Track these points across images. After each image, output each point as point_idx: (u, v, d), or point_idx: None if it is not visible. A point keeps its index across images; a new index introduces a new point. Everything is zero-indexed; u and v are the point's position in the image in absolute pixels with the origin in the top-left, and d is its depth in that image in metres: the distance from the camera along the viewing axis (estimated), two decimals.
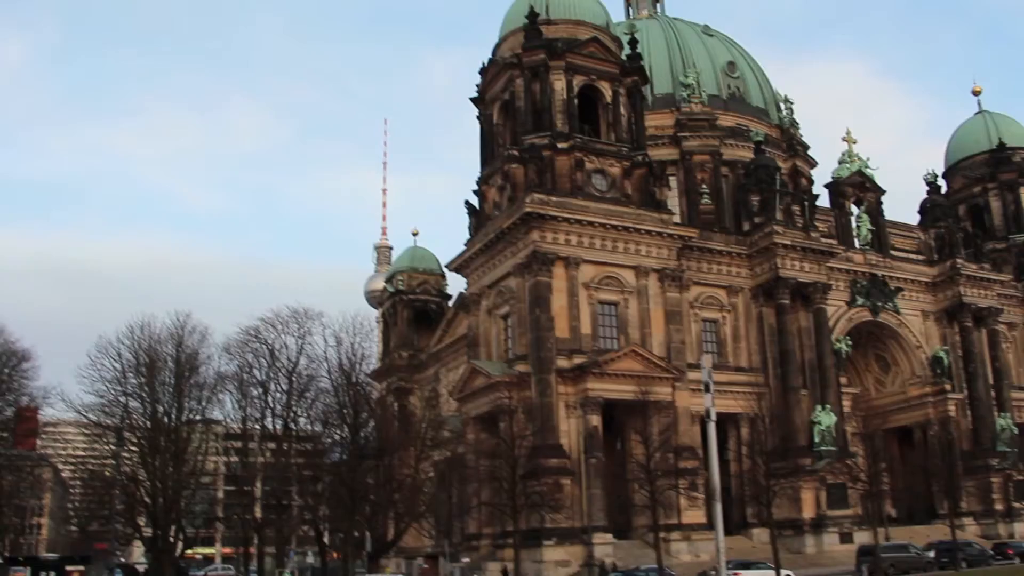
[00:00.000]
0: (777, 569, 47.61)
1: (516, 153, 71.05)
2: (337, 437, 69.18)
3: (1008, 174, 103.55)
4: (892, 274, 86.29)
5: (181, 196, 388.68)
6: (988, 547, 66.17)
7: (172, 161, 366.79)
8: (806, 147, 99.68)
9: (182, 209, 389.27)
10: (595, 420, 65.38)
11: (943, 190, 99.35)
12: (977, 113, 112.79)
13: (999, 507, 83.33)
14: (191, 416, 66.74)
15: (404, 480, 64.73)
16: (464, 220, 78.51)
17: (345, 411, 64.58)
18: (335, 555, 77.68)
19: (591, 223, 68.71)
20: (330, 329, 66.80)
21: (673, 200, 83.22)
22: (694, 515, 65.77)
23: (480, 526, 69.42)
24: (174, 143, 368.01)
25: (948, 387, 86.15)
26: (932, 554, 58.81)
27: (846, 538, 70.49)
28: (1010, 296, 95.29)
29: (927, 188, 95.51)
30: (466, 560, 67.43)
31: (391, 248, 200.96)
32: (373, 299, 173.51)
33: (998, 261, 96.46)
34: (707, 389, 47.01)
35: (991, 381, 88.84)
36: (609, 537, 63.32)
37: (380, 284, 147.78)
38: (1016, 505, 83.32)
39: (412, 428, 72.19)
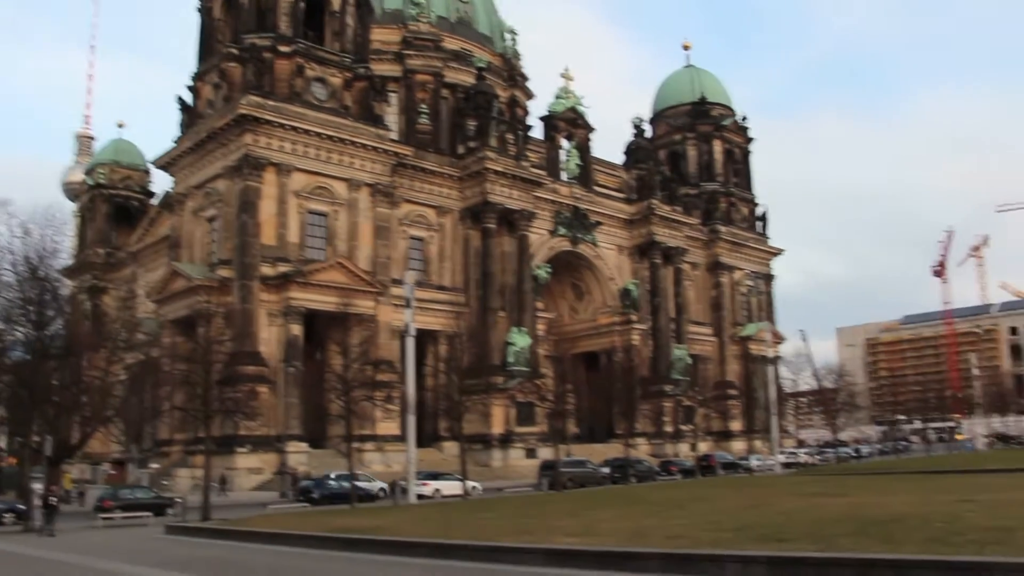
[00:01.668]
0: (464, 480, 49.98)
1: (235, 52, 69.11)
2: (20, 335, 65.28)
3: (706, 126, 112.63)
4: (594, 208, 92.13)
5: None
6: (656, 464, 72.57)
7: None
8: (526, 79, 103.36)
9: None
10: (296, 329, 65.95)
11: (648, 135, 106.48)
12: (685, 67, 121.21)
13: (669, 429, 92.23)
14: None
15: (93, 382, 62.31)
16: (177, 116, 75.49)
17: (29, 307, 60.96)
18: (12, 461, 73.77)
19: (307, 131, 68.29)
20: (17, 219, 62.47)
21: (392, 117, 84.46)
22: (389, 427, 67.31)
23: (172, 432, 68.18)
24: None
25: (635, 318, 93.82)
26: (607, 470, 63.57)
27: (531, 453, 75.72)
28: (696, 238, 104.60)
29: (634, 131, 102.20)
30: (155, 466, 66.33)
31: (94, 139, 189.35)
32: (71, 192, 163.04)
33: (689, 205, 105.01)
34: (408, 305, 49.19)
35: (673, 315, 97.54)
36: (304, 446, 64.41)
37: (79, 176, 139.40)
38: (683, 428, 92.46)
39: (105, 328, 69.34)
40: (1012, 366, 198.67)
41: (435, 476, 53.98)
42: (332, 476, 50.11)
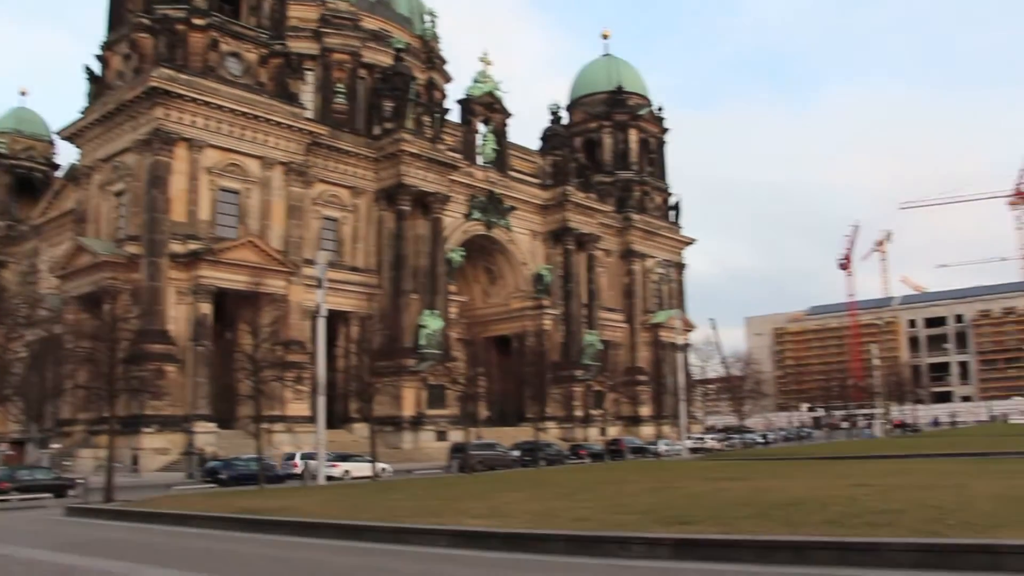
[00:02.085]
0: (373, 462, 49.83)
1: (147, 22, 67.26)
2: None
3: (622, 115, 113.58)
4: (509, 193, 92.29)
5: None
6: (566, 448, 73.16)
7: None
8: (444, 62, 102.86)
9: None
10: (206, 308, 64.76)
11: (565, 122, 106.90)
12: (603, 55, 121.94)
13: (579, 413, 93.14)
14: None
15: None
16: (84, 87, 73.22)
17: None
18: None
19: (220, 107, 66.88)
20: None
21: (308, 95, 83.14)
22: (299, 408, 66.76)
23: (75, 412, 66.44)
24: None
25: (547, 303, 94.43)
26: (517, 453, 63.79)
27: (442, 436, 75.73)
28: (610, 226, 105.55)
29: (550, 118, 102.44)
30: (57, 446, 64.53)
31: None
32: None
33: (604, 193, 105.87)
34: (320, 285, 48.67)
35: (585, 301, 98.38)
36: (212, 426, 63.36)
37: None
38: (593, 412, 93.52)
39: (4, 304, 67.17)
40: (910, 357, 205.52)
41: (345, 458, 53.75)
42: (242, 458, 49.25)
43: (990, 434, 79.47)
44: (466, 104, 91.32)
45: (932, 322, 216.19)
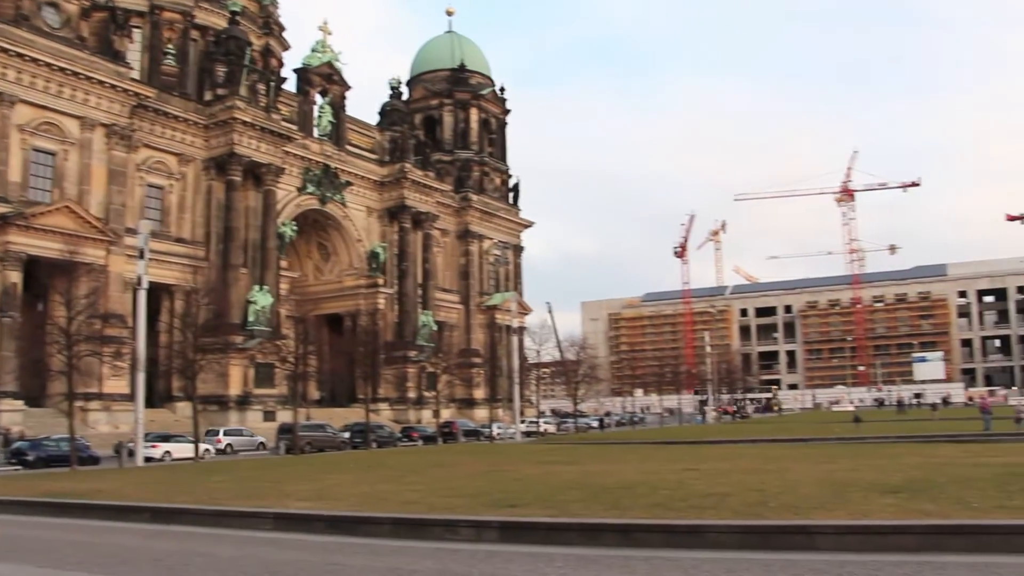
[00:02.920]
0: (196, 443, 48.57)
1: None
2: None
3: (463, 94, 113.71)
4: (345, 168, 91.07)
5: None
6: (398, 430, 72.86)
7: None
8: (282, 28, 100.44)
9: None
10: (15, 276, 61.11)
11: (405, 97, 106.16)
12: (447, 32, 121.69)
13: (412, 395, 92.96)
14: None
15: None
16: None
17: None
18: None
19: (35, 60, 62.97)
20: None
21: (135, 55, 79.18)
22: (117, 385, 64.37)
23: None
24: None
25: (381, 281, 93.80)
26: (347, 434, 63.39)
27: (270, 416, 74.10)
28: (448, 205, 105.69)
29: (390, 93, 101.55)
30: None
31: None
32: None
33: (442, 172, 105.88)
34: (142, 256, 46.69)
35: (420, 280, 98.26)
36: (19, 404, 60.00)
37: None
38: (426, 394, 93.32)
39: None
40: (741, 345, 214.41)
41: (166, 438, 52.37)
42: (52, 438, 46.92)
43: (813, 421, 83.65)
44: (303, 74, 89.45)
45: (762, 312, 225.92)
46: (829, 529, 12.80)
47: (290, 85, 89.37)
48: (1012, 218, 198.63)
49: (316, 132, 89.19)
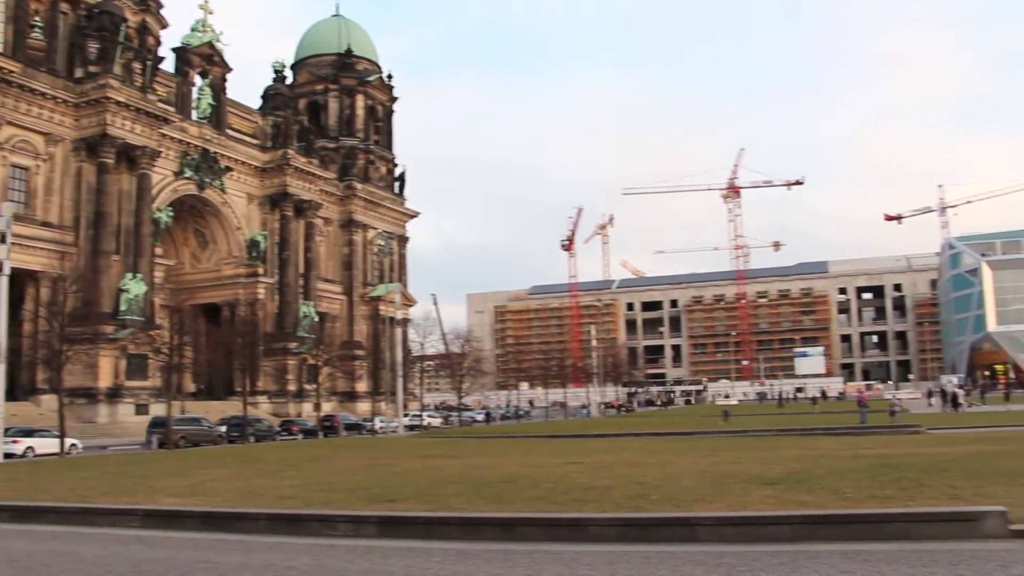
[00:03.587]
0: (62, 437, 47.08)
1: None
2: None
3: (350, 80, 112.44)
4: (224, 153, 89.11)
5: None
6: (277, 424, 72.01)
7: None
8: (160, 5, 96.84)
9: None
10: None
11: (289, 82, 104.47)
12: (334, 15, 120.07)
13: (292, 388, 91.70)
14: None
15: None
16: None
17: None
18: None
19: None
20: None
21: None
22: None
23: None
24: None
25: (261, 271, 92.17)
26: (224, 428, 62.03)
27: (142, 409, 71.97)
28: (331, 193, 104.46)
29: (274, 76, 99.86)
30: None
31: None
32: None
33: (326, 159, 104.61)
34: (3, 240, 44.79)
35: (301, 270, 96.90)
36: None
37: None
38: (307, 387, 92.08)
39: None
40: (627, 339, 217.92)
41: (29, 432, 50.33)
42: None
43: (696, 414, 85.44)
44: (182, 54, 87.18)
45: (648, 306, 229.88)
46: (708, 521, 13.05)
47: (168, 65, 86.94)
48: (890, 218, 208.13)
49: (195, 115, 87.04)
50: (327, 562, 12.18)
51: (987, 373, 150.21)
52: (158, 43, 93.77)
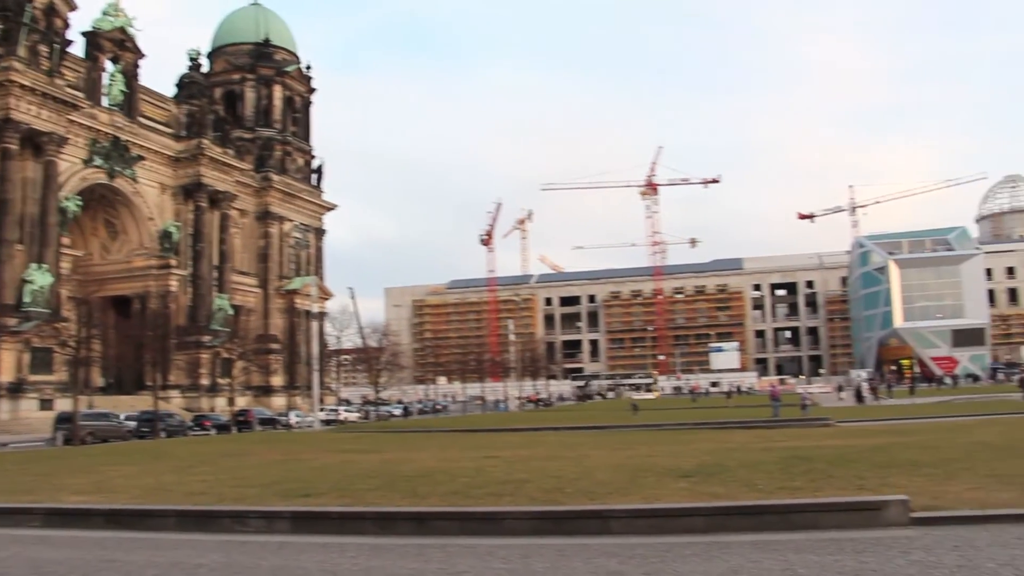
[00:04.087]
0: None
1: None
2: None
3: (267, 69, 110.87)
4: (136, 141, 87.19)
5: None
6: (189, 419, 70.67)
7: None
8: None
9: None
10: None
11: (205, 70, 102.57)
12: (252, 3, 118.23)
13: (205, 382, 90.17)
14: None
15: None
16: None
17: None
18: None
19: None
20: None
21: None
22: None
23: None
24: None
25: (174, 262, 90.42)
26: (134, 423, 60.80)
27: (47, 405, 70.06)
28: (247, 184, 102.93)
29: (189, 64, 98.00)
30: None
31: None
32: None
33: (243, 150, 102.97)
34: None
35: (216, 262, 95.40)
36: None
37: None
38: (221, 381, 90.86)
39: None
40: (545, 334, 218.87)
41: None
42: None
43: (613, 408, 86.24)
44: (92, 38, 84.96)
45: (567, 301, 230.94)
46: (622, 513, 13.22)
47: (78, 49, 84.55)
48: (803, 216, 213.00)
49: (106, 101, 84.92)
50: (238, 559, 12.03)
51: (894, 368, 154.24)
52: (67, 26, 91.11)
